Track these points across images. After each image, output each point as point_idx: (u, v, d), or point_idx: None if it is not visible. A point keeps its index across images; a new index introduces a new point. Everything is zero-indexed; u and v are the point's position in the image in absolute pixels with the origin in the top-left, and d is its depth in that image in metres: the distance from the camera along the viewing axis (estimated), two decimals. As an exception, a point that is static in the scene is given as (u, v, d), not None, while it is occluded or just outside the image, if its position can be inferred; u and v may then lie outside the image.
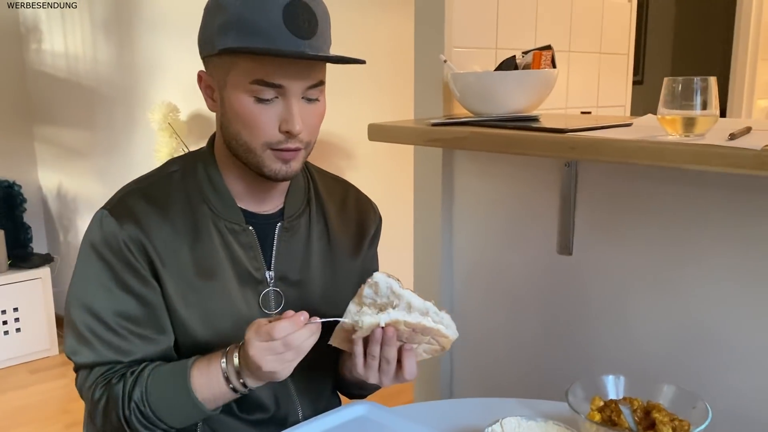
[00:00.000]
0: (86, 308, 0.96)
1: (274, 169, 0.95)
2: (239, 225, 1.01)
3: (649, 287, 1.29)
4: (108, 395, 0.95)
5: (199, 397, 0.92)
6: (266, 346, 0.86)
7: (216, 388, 0.93)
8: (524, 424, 0.92)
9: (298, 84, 0.91)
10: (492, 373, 1.60)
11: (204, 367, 0.94)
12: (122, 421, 0.94)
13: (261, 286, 1.02)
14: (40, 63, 3.50)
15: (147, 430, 0.94)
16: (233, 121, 0.94)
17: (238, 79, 0.91)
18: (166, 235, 0.97)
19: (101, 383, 0.97)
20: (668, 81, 1.03)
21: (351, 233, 1.14)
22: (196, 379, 0.93)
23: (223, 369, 0.92)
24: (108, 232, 0.95)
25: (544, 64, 1.47)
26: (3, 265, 3.21)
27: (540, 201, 1.45)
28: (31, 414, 2.78)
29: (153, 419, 0.93)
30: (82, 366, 0.98)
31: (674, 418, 0.88)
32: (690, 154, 0.97)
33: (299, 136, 0.93)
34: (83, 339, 0.96)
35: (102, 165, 3.34)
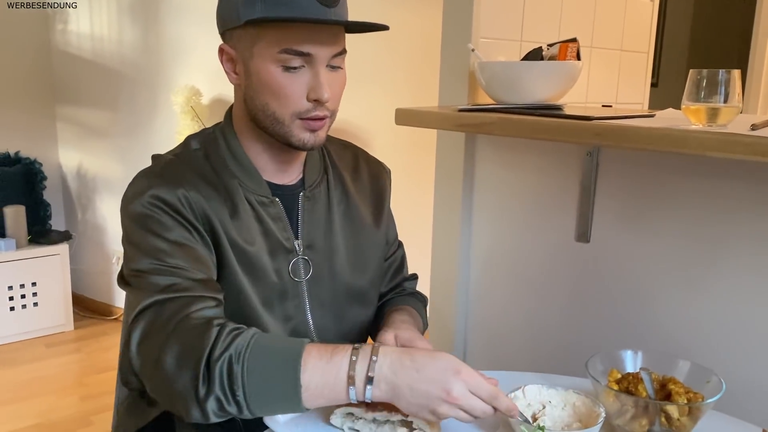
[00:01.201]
0: (142, 253, 0.92)
1: (302, 138, 0.98)
2: (267, 197, 1.03)
3: (665, 274, 1.33)
4: (197, 335, 0.84)
5: (304, 380, 0.82)
6: (468, 394, 0.82)
7: (331, 381, 0.83)
8: (545, 392, 0.97)
9: (325, 51, 0.93)
10: (508, 355, 1.65)
11: (325, 353, 0.85)
12: (202, 367, 0.82)
13: (291, 255, 1.05)
14: (65, 44, 3.55)
15: (222, 395, 0.82)
16: (260, 92, 0.96)
17: (265, 50, 0.93)
18: (214, 199, 0.99)
19: (172, 318, 0.87)
20: (693, 73, 1.07)
21: (368, 198, 1.17)
22: (309, 360, 0.83)
23: (351, 364, 0.83)
24: (157, 189, 0.95)
25: (570, 56, 1.51)
26: (23, 239, 3.27)
27: (559, 189, 1.49)
28: (48, 386, 2.84)
29: (238, 382, 0.82)
30: (146, 307, 0.89)
31: (689, 390, 0.93)
32: (714, 142, 1.02)
33: (326, 105, 0.96)
34: (142, 280, 0.91)
35: (123, 146, 3.39)
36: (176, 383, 0.83)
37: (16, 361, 3.07)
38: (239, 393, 0.81)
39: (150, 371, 0.87)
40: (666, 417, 0.88)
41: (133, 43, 3.26)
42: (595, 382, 0.93)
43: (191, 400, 0.83)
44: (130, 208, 0.96)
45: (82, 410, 2.63)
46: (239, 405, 0.82)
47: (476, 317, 1.71)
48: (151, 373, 0.87)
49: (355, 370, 0.83)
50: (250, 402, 0.82)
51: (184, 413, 0.85)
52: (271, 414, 0.87)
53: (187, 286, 0.90)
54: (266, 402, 0.83)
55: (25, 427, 2.50)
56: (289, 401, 0.82)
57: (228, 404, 0.82)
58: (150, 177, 0.98)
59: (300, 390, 0.81)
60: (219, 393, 0.82)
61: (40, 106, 3.64)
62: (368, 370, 0.83)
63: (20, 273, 3.23)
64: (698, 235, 1.27)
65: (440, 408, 0.82)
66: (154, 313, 0.88)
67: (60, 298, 3.38)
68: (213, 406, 0.82)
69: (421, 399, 0.81)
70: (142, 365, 0.88)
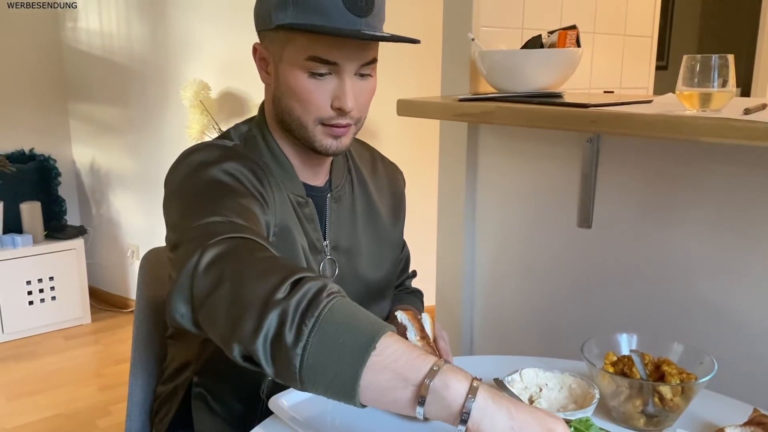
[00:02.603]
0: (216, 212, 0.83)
1: (325, 144, 0.98)
2: (303, 197, 1.04)
3: (664, 258, 1.35)
4: (280, 260, 0.76)
5: (380, 345, 0.67)
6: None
7: (408, 360, 0.67)
8: (542, 375, 0.99)
9: (352, 61, 0.93)
10: (512, 340, 1.67)
11: (409, 348, 0.69)
12: (290, 278, 0.71)
13: (320, 256, 1.07)
14: (75, 41, 3.60)
15: (292, 313, 0.68)
16: (287, 95, 0.96)
17: (293, 55, 0.93)
18: (273, 184, 0.99)
19: (259, 250, 0.78)
20: (687, 58, 1.08)
21: (387, 198, 1.20)
22: (399, 340, 0.69)
23: (435, 370, 0.67)
24: (234, 162, 0.92)
25: (569, 43, 1.52)
26: (40, 235, 3.33)
27: (561, 177, 1.51)
28: (67, 377, 2.91)
29: (315, 311, 0.68)
30: (224, 238, 0.78)
31: (682, 371, 0.95)
32: (706, 127, 1.03)
33: (350, 114, 0.95)
34: (209, 226, 0.81)
35: (134, 141, 3.44)
36: (255, 288, 0.71)
37: (36, 353, 3.15)
38: (309, 321, 0.67)
39: (222, 282, 0.73)
40: (659, 397, 0.91)
41: (141, 38, 3.30)
42: (589, 364, 0.95)
43: (259, 305, 0.69)
44: (203, 173, 0.91)
45: (101, 400, 2.70)
46: (299, 335, 0.67)
47: (481, 303, 1.74)
48: (223, 284, 0.73)
49: (440, 366, 0.67)
50: (312, 339, 0.67)
51: (236, 330, 0.70)
52: (314, 378, 0.68)
53: (261, 240, 0.81)
54: (328, 350, 0.67)
55: (47, 417, 2.57)
56: (353, 358, 0.66)
57: (290, 327, 0.67)
58: (221, 149, 0.97)
59: (372, 350, 0.66)
60: (291, 307, 0.68)
61: (53, 104, 3.69)
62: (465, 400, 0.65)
63: (38, 268, 3.29)
64: (698, 220, 1.29)
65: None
66: (237, 242, 0.78)
67: (77, 292, 3.45)
68: (274, 320, 0.68)
69: None
70: (213, 280, 0.74)
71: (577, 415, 0.82)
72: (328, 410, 0.98)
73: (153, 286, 1.27)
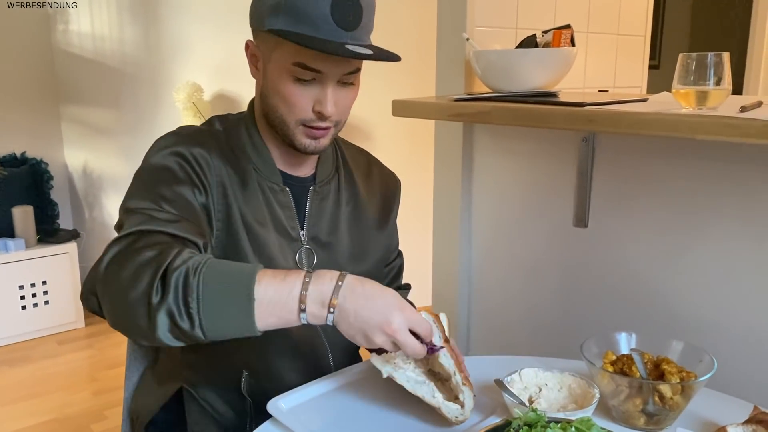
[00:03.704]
0: (144, 193, 0.95)
1: (304, 143, 1.03)
2: (278, 185, 1.08)
3: (662, 257, 1.35)
4: (158, 252, 0.85)
5: (257, 294, 0.81)
6: (406, 330, 0.85)
7: (283, 298, 0.82)
8: (541, 375, 0.99)
9: (336, 71, 0.98)
10: (510, 339, 1.67)
11: (280, 273, 0.84)
12: (157, 278, 0.81)
13: (296, 244, 1.09)
14: (67, 43, 3.58)
15: (176, 306, 0.80)
16: (272, 94, 1.02)
17: (281, 58, 0.98)
18: (231, 175, 1.04)
19: (151, 246, 0.87)
20: (683, 57, 1.08)
21: (377, 203, 1.21)
22: (264, 277, 0.83)
23: (304, 284, 0.83)
24: (181, 147, 1.01)
25: (564, 42, 1.52)
26: (32, 239, 3.31)
27: (557, 176, 1.51)
28: (61, 381, 2.89)
29: (193, 294, 0.80)
30: (130, 233, 0.89)
31: (682, 369, 0.94)
32: (703, 125, 1.03)
33: (330, 118, 1.01)
34: (134, 213, 0.93)
35: (127, 143, 3.42)
36: (130, 294, 0.81)
37: (29, 358, 3.12)
38: (193, 305, 0.79)
39: (108, 286, 0.85)
40: (659, 396, 0.90)
41: (134, 41, 3.28)
42: (589, 364, 0.95)
43: (143, 311, 0.80)
44: (150, 160, 1.01)
45: (95, 405, 2.68)
46: (192, 318, 0.80)
47: (478, 303, 1.74)
48: (109, 287, 0.85)
49: (307, 290, 0.83)
50: (203, 315, 0.80)
51: (134, 331, 0.83)
52: (223, 334, 0.82)
53: (177, 232, 0.91)
54: (219, 316, 0.81)
55: (41, 422, 2.55)
56: (242, 316, 0.80)
57: (180, 317, 0.79)
58: (177, 136, 1.04)
59: (253, 304, 0.80)
60: (172, 303, 0.79)
61: (45, 107, 3.67)
62: (322, 292, 0.84)
63: (30, 272, 3.27)
64: (694, 218, 1.29)
65: (376, 336, 0.84)
66: (135, 238, 0.88)
67: (70, 296, 3.42)
68: (164, 319, 0.80)
69: (362, 324, 0.84)
70: (104, 281, 0.85)
71: (577, 415, 0.82)
72: (327, 413, 0.97)
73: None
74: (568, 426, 0.77)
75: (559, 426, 0.77)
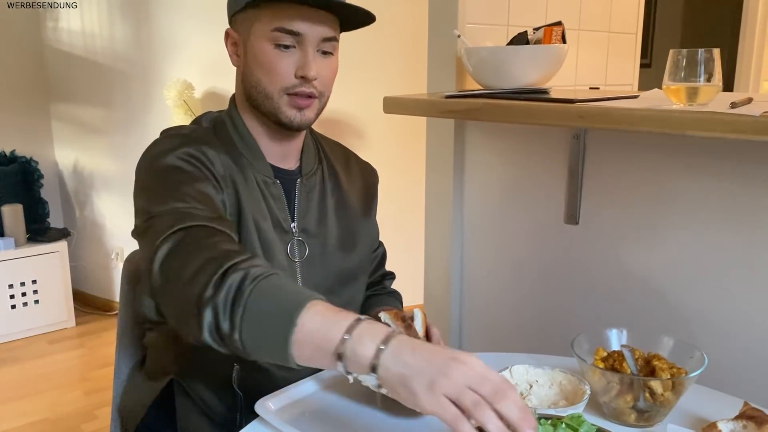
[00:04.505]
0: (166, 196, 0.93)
1: (289, 115, 1.03)
2: (270, 178, 1.09)
3: (651, 253, 1.35)
4: (227, 247, 0.85)
5: (303, 318, 0.76)
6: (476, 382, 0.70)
7: (324, 334, 0.75)
8: (532, 371, 0.98)
9: (314, 32, 0.99)
10: (501, 336, 1.67)
11: (332, 308, 0.78)
12: (218, 272, 0.81)
13: (287, 236, 1.10)
14: (57, 41, 3.55)
15: (223, 306, 0.79)
16: (254, 69, 1.02)
17: (260, 29, 1.00)
18: (230, 165, 1.04)
19: (205, 238, 0.87)
20: (673, 53, 1.08)
21: (359, 192, 1.22)
22: (318, 305, 0.78)
23: (350, 326, 0.75)
24: (190, 147, 1.00)
25: (555, 39, 1.52)
26: (22, 238, 3.28)
27: (548, 173, 1.50)
28: (52, 381, 2.87)
29: (242, 300, 0.79)
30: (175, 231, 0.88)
31: (672, 365, 0.94)
32: (693, 120, 1.03)
33: (314, 83, 1.01)
34: (165, 215, 0.91)
35: (118, 142, 3.40)
36: (190, 288, 0.82)
37: (19, 358, 3.10)
38: (238, 310, 0.78)
39: (170, 283, 0.85)
40: (650, 392, 0.90)
41: (124, 38, 3.26)
42: (580, 360, 0.95)
43: (195, 304, 0.81)
44: (160, 161, 0.98)
45: (86, 405, 2.66)
46: (233, 323, 0.79)
47: (470, 299, 1.73)
48: (170, 284, 0.85)
49: (353, 329, 0.74)
50: (245, 324, 0.78)
51: (185, 326, 0.83)
52: (259, 352, 0.80)
53: (211, 224, 0.91)
54: (258, 331, 0.78)
55: (31, 422, 2.53)
56: (279, 337, 0.76)
57: (223, 318, 0.79)
58: (180, 137, 1.03)
59: (294, 328, 0.75)
60: (220, 302, 0.79)
61: (34, 105, 3.64)
62: (371, 342, 0.73)
63: (20, 271, 3.25)
64: (686, 214, 1.29)
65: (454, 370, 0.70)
66: (183, 234, 0.87)
67: (61, 295, 3.40)
68: (209, 315, 0.80)
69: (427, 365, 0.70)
70: (164, 279, 0.86)
71: (568, 412, 0.82)
72: (315, 413, 0.96)
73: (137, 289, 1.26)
74: (559, 422, 0.77)
75: (549, 422, 0.77)
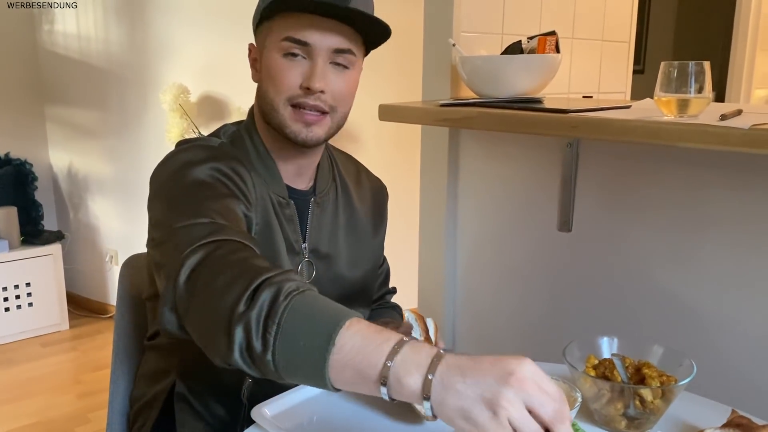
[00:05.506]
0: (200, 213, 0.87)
1: (294, 129, 0.98)
2: (284, 199, 1.06)
3: (644, 261, 1.36)
4: (257, 262, 0.78)
5: (338, 339, 0.68)
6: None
7: (365, 357, 0.67)
8: (525, 379, 1.00)
9: (324, 42, 0.95)
10: (495, 342, 1.68)
11: (372, 327, 0.70)
12: (250, 288, 0.73)
13: (298, 257, 1.08)
14: (52, 43, 3.55)
15: (255, 324, 0.71)
16: (265, 80, 0.99)
17: (272, 40, 0.97)
18: (258, 181, 1.02)
19: (237, 251, 0.81)
20: (665, 65, 1.10)
21: (369, 210, 1.21)
22: (359, 323, 0.70)
23: (392, 350, 0.66)
24: (218, 162, 0.95)
25: (549, 49, 1.53)
26: (16, 240, 3.28)
27: (542, 180, 1.52)
28: (44, 384, 2.87)
29: (276, 317, 0.71)
30: (205, 243, 0.82)
31: (662, 373, 0.96)
32: (683, 132, 1.05)
33: (322, 97, 0.97)
34: (191, 228, 0.85)
35: (113, 145, 3.40)
36: (220, 302, 0.74)
37: (12, 361, 3.10)
38: (272, 328, 0.70)
39: (197, 297, 0.78)
40: (640, 400, 0.92)
41: (120, 42, 3.27)
42: (571, 368, 0.96)
43: (226, 321, 0.73)
44: (187, 173, 0.93)
45: (79, 408, 2.66)
46: (266, 343, 0.70)
47: (463, 307, 1.75)
48: (198, 298, 0.78)
49: (396, 354, 0.66)
50: (279, 344, 0.70)
51: (212, 344, 0.75)
52: (293, 374, 0.72)
53: (242, 239, 0.85)
54: (293, 350, 0.70)
55: (24, 425, 2.53)
56: (315, 357, 0.68)
57: (256, 337, 0.71)
58: (207, 149, 0.99)
59: (331, 348, 0.67)
60: (253, 319, 0.71)
61: (29, 107, 3.64)
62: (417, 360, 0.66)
63: (14, 274, 3.24)
64: (676, 223, 1.31)
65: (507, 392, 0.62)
66: (214, 246, 0.81)
67: (54, 298, 3.40)
68: (240, 334, 0.72)
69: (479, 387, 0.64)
70: (191, 293, 0.79)
71: (559, 419, 0.83)
72: (312, 419, 0.97)
73: (134, 292, 1.26)
74: (550, 430, 0.78)
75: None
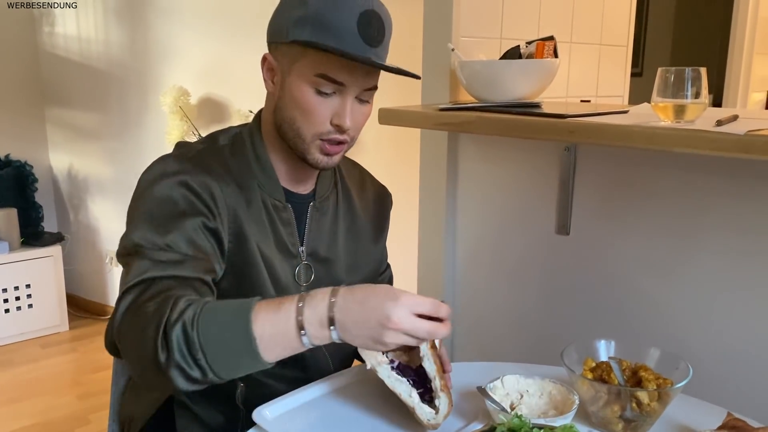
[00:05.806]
0: (150, 228, 0.93)
1: (316, 158, 1.03)
2: (281, 202, 1.08)
3: (641, 265, 1.37)
4: (157, 307, 0.85)
5: (256, 332, 0.81)
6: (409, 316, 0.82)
7: (282, 329, 0.83)
8: (523, 381, 1.01)
9: (357, 85, 0.99)
10: (493, 345, 1.69)
11: (273, 304, 0.84)
12: (159, 336, 0.81)
13: (295, 260, 1.10)
14: (52, 45, 3.56)
15: (184, 361, 0.81)
16: (290, 106, 1.01)
17: (303, 70, 0.98)
18: (237, 195, 1.03)
19: (156, 296, 0.88)
20: (662, 71, 1.11)
21: (371, 216, 1.23)
22: (259, 313, 0.82)
23: (299, 310, 0.83)
24: (187, 176, 0.98)
25: (547, 53, 1.55)
26: (16, 242, 3.29)
27: (540, 184, 1.53)
28: (44, 386, 2.87)
29: (196, 347, 0.81)
30: (137, 282, 0.90)
31: (659, 376, 0.97)
32: (679, 138, 1.06)
33: (347, 132, 1.02)
34: (141, 255, 0.92)
35: (113, 147, 3.41)
36: (141, 353, 0.83)
37: (12, 362, 3.10)
38: (200, 357, 0.81)
39: (124, 345, 0.87)
40: (637, 402, 0.93)
41: (120, 44, 3.28)
42: (569, 371, 0.97)
43: (154, 369, 0.82)
44: (155, 187, 0.97)
45: (79, 409, 2.67)
46: (202, 369, 0.82)
47: (462, 310, 1.76)
48: (125, 346, 0.87)
49: (303, 315, 0.82)
50: (213, 364, 0.82)
51: (155, 386, 0.88)
52: (237, 373, 0.85)
53: (183, 273, 0.91)
54: (227, 360, 0.82)
55: (24, 426, 2.53)
56: (248, 355, 0.82)
57: (191, 369, 0.82)
58: (182, 161, 1.01)
59: (255, 343, 0.81)
60: (179, 360, 0.81)
61: (30, 109, 3.65)
62: (317, 313, 0.83)
63: (14, 275, 3.25)
64: (673, 227, 1.32)
65: (385, 337, 0.82)
66: (143, 289, 0.89)
67: (54, 299, 3.41)
68: (176, 373, 0.82)
69: (366, 331, 0.82)
70: (120, 340, 0.88)
71: (558, 422, 0.84)
72: (312, 422, 0.98)
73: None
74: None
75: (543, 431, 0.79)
